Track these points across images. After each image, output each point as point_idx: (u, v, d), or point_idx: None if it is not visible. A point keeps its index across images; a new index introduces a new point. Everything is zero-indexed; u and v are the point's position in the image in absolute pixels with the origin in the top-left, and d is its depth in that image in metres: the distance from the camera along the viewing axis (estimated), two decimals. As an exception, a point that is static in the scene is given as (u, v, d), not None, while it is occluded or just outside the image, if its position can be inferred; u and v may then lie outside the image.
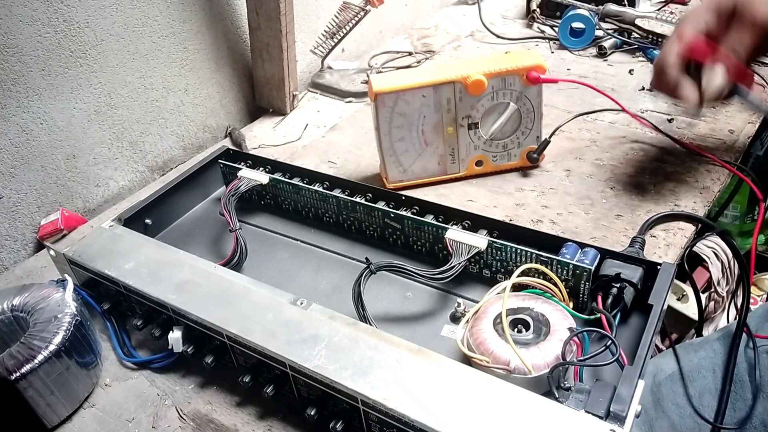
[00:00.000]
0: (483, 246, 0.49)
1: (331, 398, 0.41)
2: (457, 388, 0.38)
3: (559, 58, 0.97)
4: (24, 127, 0.66)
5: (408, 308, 0.52)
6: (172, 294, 0.48)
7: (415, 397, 0.37)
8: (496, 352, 0.42)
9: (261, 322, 0.44)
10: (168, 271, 0.51)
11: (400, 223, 0.56)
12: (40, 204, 0.70)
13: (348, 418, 0.41)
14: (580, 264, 0.47)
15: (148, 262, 0.52)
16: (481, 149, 0.67)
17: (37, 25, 0.64)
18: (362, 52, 1.08)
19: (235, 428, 0.46)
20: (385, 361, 0.40)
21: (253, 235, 0.62)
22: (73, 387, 0.47)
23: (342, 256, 0.59)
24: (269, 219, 0.65)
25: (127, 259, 0.52)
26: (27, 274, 0.64)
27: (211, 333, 0.47)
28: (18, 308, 0.49)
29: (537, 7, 1.09)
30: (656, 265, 0.46)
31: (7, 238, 0.68)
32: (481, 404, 0.37)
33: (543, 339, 0.42)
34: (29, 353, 0.44)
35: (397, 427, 0.38)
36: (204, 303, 0.47)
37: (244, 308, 0.46)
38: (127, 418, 0.47)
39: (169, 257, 0.52)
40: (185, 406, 0.47)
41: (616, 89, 0.84)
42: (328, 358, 0.41)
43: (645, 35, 0.94)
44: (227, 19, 0.86)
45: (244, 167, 0.65)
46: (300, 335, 0.43)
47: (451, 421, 0.36)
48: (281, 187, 0.63)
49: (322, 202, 0.60)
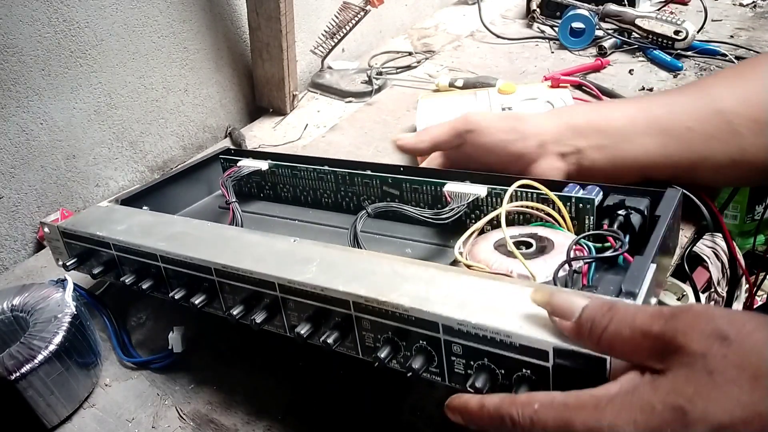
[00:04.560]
0: (483, 193, 0.48)
1: (323, 315, 0.39)
2: (455, 284, 0.36)
3: (559, 58, 0.97)
4: (24, 127, 0.66)
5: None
6: (162, 243, 0.47)
7: (410, 291, 0.35)
8: (495, 264, 0.39)
9: (252, 254, 0.43)
10: (161, 228, 0.50)
11: (399, 189, 0.54)
12: (40, 204, 0.70)
13: (342, 331, 0.39)
14: (583, 196, 0.45)
15: (141, 224, 0.51)
16: None
17: (37, 25, 0.64)
18: (362, 52, 1.08)
19: (235, 428, 0.46)
20: (380, 269, 0.38)
21: (250, 220, 0.60)
22: (73, 387, 0.47)
23: (340, 228, 0.57)
24: (268, 206, 0.64)
25: (120, 224, 0.51)
26: (27, 274, 0.64)
27: (201, 274, 0.45)
28: (18, 308, 0.49)
29: (537, 7, 1.09)
30: (661, 192, 0.44)
31: (7, 238, 0.68)
32: (481, 295, 0.34)
33: (546, 254, 0.40)
34: (29, 353, 0.44)
35: (392, 329, 0.36)
36: (195, 247, 0.45)
37: (235, 246, 0.45)
38: (127, 418, 0.47)
39: (163, 219, 0.52)
40: (185, 406, 0.47)
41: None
42: (321, 272, 0.39)
43: (645, 35, 0.94)
44: (227, 19, 0.86)
45: (244, 160, 0.64)
46: (292, 259, 0.41)
47: (451, 307, 0.33)
48: (280, 173, 0.62)
49: (320, 182, 0.60)
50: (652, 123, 0.53)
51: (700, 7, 1.00)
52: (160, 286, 0.48)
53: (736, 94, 0.53)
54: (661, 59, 0.91)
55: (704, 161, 0.53)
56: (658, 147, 0.53)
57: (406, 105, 0.85)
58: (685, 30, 0.90)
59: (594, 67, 0.91)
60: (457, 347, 0.33)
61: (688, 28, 0.90)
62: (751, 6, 1.13)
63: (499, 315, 0.32)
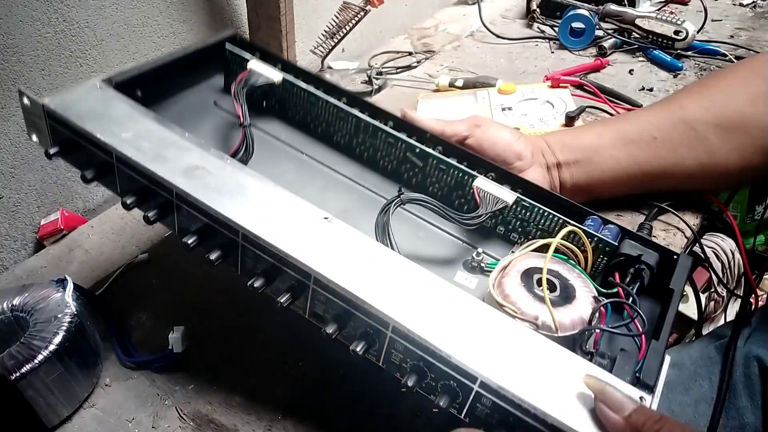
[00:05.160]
0: (510, 201, 0.47)
1: (352, 318, 0.38)
2: (490, 329, 0.36)
3: (559, 58, 0.97)
4: (24, 127, 0.66)
5: (421, 248, 0.50)
6: (180, 178, 0.42)
7: (450, 331, 0.35)
8: (524, 306, 0.41)
9: (283, 226, 0.40)
10: (174, 151, 0.44)
11: (424, 161, 0.52)
12: (40, 204, 0.70)
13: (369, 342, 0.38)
14: (605, 238, 0.46)
15: (149, 136, 0.45)
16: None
17: (37, 25, 0.64)
18: (362, 52, 1.08)
19: (235, 428, 0.46)
20: (418, 289, 0.38)
21: (257, 142, 0.54)
22: (73, 387, 0.47)
23: (352, 181, 0.55)
24: (272, 124, 0.58)
25: (123, 127, 0.45)
26: (27, 274, 0.64)
27: (222, 228, 0.42)
28: (18, 308, 0.49)
29: (537, 7, 1.09)
30: (672, 254, 0.46)
31: (7, 238, 0.68)
32: (519, 353, 0.35)
33: (568, 303, 0.42)
34: (29, 353, 0.44)
35: (425, 361, 0.36)
36: (218, 195, 0.41)
37: (262, 209, 0.41)
38: (127, 418, 0.47)
39: (172, 137, 0.46)
40: (185, 406, 0.47)
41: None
42: (359, 278, 0.38)
43: (645, 35, 0.94)
44: (227, 19, 0.86)
45: (254, 59, 0.57)
46: (326, 247, 0.39)
47: (492, 366, 0.34)
48: (294, 92, 0.56)
49: (338, 120, 0.55)
50: (619, 136, 0.57)
51: (700, 7, 1.00)
52: (166, 219, 0.45)
53: (700, 104, 0.56)
54: (661, 59, 0.91)
55: (674, 168, 0.56)
56: (627, 157, 0.56)
57: (406, 105, 0.84)
58: (685, 30, 0.90)
59: (594, 66, 0.91)
60: (487, 400, 0.34)
61: (688, 28, 0.90)
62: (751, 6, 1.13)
63: (538, 387, 0.33)
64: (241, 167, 0.45)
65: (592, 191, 0.55)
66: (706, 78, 0.61)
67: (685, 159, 0.56)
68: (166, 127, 0.46)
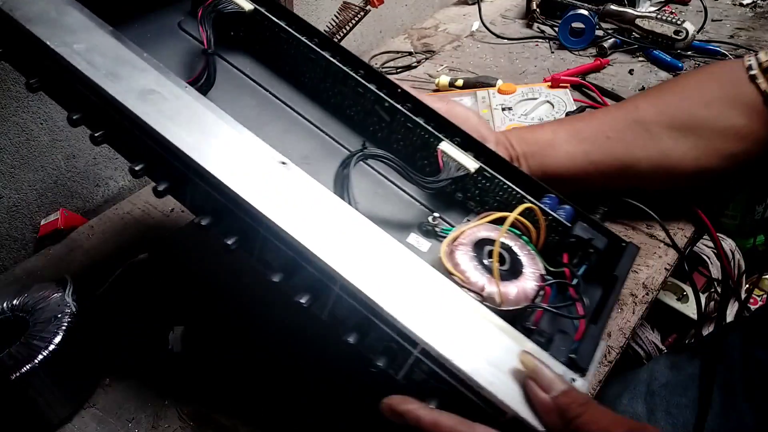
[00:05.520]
0: (473, 169, 0.47)
1: (298, 268, 0.37)
2: (435, 296, 0.37)
3: (559, 58, 0.97)
4: (24, 127, 0.66)
5: (378, 206, 0.49)
6: (132, 100, 0.39)
7: (391, 290, 0.35)
8: (472, 276, 0.41)
9: (236, 163, 0.38)
10: (128, 70, 0.41)
11: (391, 116, 0.51)
12: (40, 204, 0.70)
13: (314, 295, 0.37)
14: (558, 217, 0.47)
15: (104, 51, 0.42)
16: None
17: (37, 25, 0.64)
18: (362, 52, 1.08)
19: (235, 428, 0.46)
20: (368, 249, 0.37)
21: (220, 74, 0.52)
22: (73, 387, 0.47)
23: (315, 127, 0.53)
24: (238, 56, 0.55)
25: (76, 37, 0.42)
26: (27, 274, 0.64)
27: (173, 160, 0.39)
28: (18, 308, 0.49)
29: (537, 7, 1.09)
30: (622, 242, 0.46)
31: (7, 238, 0.68)
32: (459, 322, 0.36)
33: (515, 278, 0.42)
34: (29, 353, 0.44)
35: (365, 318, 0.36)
36: (172, 123, 0.39)
37: (220, 147, 0.39)
38: (127, 418, 0.47)
39: (129, 55, 0.42)
40: (185, 406, 0.47)
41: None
42: (308, 227, 0.37)
43: (645, 35, 0.94)
44: (227, 19, 0.85)
45: None
46: (278, 193, 0.38)
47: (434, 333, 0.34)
48: (263, 24, 0.52)
49: (306, 61, 0.52)
50: (574, 134, 0.58)
51: (700, 7, 1.00)
52: (115, 142, 0.43)
53: (655, 106, 0.57)
54: (661, 59, 0.91)
55: (629, 167, 0.57)
56: (581, 154, 0.57)
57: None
58: (685, 30, 0.90)
59: (594, 66, 0.91)
60: (425, 366, 0.35)
61: (688, 28, 0.90)
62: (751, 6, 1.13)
63: (476, 359, 0.34)
64: (200, 97, 0.42)
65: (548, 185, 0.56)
66: (664, 82, 0.62)
67: (640, 159, 0.57)
68: (124, 44, 0.43)
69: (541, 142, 0.58)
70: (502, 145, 0.57)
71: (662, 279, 0.56)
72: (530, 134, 0.59)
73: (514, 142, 0.58)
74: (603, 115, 0.60)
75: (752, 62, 0.55)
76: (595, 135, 0.57)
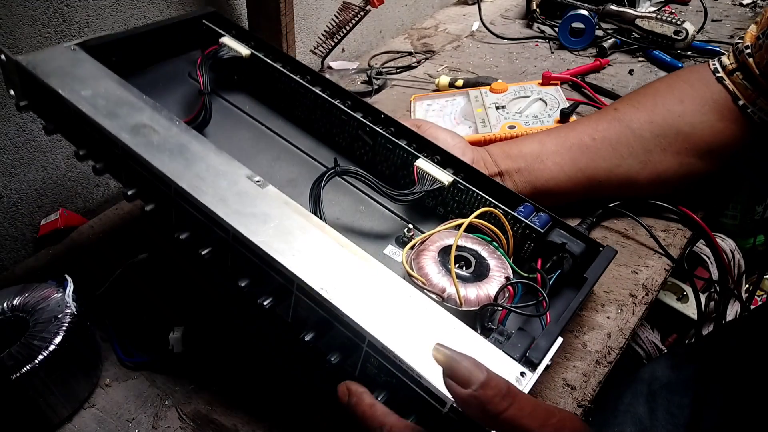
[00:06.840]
0: (447, 182, 0.50)
1: (265, 276, 0.40)
2: (393, 297, 0.38)
3: (559, 58, 0.97)
4: (24, 127, 0.66)
5: (358, 221, 0.52)
6: (126, 134, 0.44)
7: (350, 292, 0.37)
8: (434, 278, 0.43)
9: (213, 186, 0.42)
10: (126, 110, 0.47)
11: (373, 139, 0.55)
12: (40, 204, 0.70)
13: (278, 299, 0.40)
14: (531, 224, 0.48)
15: (107, 95, 0.48)
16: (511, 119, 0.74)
17: (37, 25, 0.64)
18: (362, 52, 1.08)
19: (235, 428, 0.46)
20: (332, 256, 0.39)
21: (217, 106, 0.60)
22: (73, 387, 0.47)
23: (304, 153, 0.58)
24: (238, 96, 0.62)
25: (84, 85, 0.48)
26: (27, 274, 0.64)
27: (158, 183, 0.43)
28: (18, 308, 0.49)
29: (537, 7, 1.09)
30: (599, 246, 0.48)
31: (7, 238, 0.68)
32: (413, 320, 0.37)
33: (479, 281, 0.43)
34: (29, 353, 0.44)
35: (322, 319, 0.38)
36: (158, 152, 0.44)
37: (199, 168, 0.43)
38: (127, 418, 0.47)
39: (129, 98, 0.48)
40: (185, 406, 0.47)
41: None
42: (275, 237, 0.39)
43: (645, 35, 0.94)
44: (227, 19, 0.85)
45: (228, 36, 0.60)
46: (252, 208, 0.41)
47: (383, 328, 0.36)
48: (260, 66, 0.59)
49: (298, 95, 0.58)
50: (560, 142, 0.59)
51: (700, 7, 1.00)
52: (113, 171, 0.48)
53: (632, 105, 0.59)
54: (661, 59, 0.91)
55: (617, 168, 0.58)
56: (569, 162, 0.58)
57: (406, 105, 0.85)
58: (685, 30, 0.90)
59: (593, 67, 0.91)
60: (375, 360, 0.36)
61: (688, 28, 0.90)
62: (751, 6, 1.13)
63: (420, 353, 0.35)
64: (188, 130, 0.46)
65: (538, 199, 0.56)
66: (642, 86, 0.63)
67: (625, 158, 0.58)
68: (126, 89, 0.49)
69: (528, 156, 0.59)
70: (481, 162, 0.58)
71: (662, 280, 0.56)
72: (516, 149, 0.59)
73: (498, 159, 0.59)
74: (586, 120, 0.61)
75: (717, 66, 0.59)
76: (581, 139, 0.59)
